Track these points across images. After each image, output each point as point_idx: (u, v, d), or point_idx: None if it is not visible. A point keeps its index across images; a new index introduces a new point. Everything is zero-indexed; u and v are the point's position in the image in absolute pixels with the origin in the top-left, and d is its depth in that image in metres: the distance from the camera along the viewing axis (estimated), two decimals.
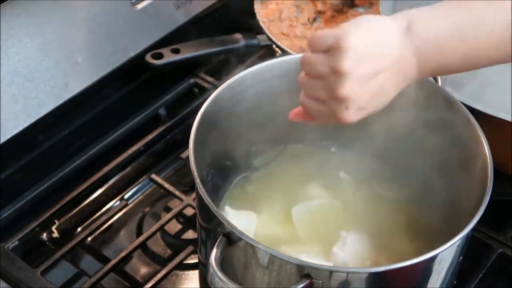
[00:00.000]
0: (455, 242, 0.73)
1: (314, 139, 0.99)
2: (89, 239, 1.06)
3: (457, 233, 0.73)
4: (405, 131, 0.93)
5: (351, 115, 0.73)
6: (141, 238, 1.02)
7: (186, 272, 1.03)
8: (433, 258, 0.74)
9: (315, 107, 0.76)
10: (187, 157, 0.81)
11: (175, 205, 1.07)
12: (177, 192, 1.08)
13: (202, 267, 0.89)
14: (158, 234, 1.06)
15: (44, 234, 1.05)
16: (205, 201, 0.75)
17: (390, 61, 0.72)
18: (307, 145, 1.00)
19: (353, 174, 0.98)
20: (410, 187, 0.95)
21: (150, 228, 1.03)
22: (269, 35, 1.24)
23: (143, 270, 1.04)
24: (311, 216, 0.92)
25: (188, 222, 1.07)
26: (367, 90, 0.72)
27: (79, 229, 1.08)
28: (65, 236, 1.06)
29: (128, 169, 1.14)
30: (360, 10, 1.31)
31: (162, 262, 1.04)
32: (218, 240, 0.73)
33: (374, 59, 0.71)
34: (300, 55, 0.75)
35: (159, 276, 0.98)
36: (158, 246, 1.06)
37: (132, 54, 1.17)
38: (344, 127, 0.96)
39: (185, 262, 1.01)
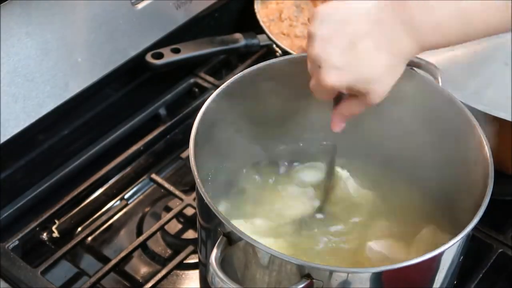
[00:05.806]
0: (455, 242, 0.73)
1: (314, 139, 0.99)
2: (89, 239, 1.06)
3: (458, 233, 0.73)
4: (405, 131, 0.93)
5: (326, 74, 0.76)
6: (141, 238, 1.02)
7: (186, 272, 1.03)
8: (434, 258, 0.74)
9: (311, 83, 0.80)
10: (187, 157, 0.81)
11: (175, 205, 1.07)
12: (177, 192, 1.08)
13: (202, 267, 0.89)
14: (158, 234, 1.06)
15: (44, 234, 1.06)
16: (205, 201, 0.75)
17: (364, 23, 0.74)
18: (307, 145, 1.00)
19: (353, 175, 0.98)
20: (410, 188, 0.95)
21: (150, 228, 1.03)
22: (269, 35, 1.24)
23: (143, 270, 1.04)
24: None
25: (188, 222, 1.07)
26: (334, 47, 0.75)
27: (79, 229, 1.08)
28: (65, 236, 1.06)
29: (128, 169, 1.14)
30: None
31: (162, 262, 1.04)
32: (219, 240, 0.73)
33: (340, 20, 0.75)
34: (300, 54, 0.76)
35: (159, 276, 0.98)
36: (158, 246, 1.06)
37: (132, 54, 1.17)
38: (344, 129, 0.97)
39: (185, 262, 1.01)
